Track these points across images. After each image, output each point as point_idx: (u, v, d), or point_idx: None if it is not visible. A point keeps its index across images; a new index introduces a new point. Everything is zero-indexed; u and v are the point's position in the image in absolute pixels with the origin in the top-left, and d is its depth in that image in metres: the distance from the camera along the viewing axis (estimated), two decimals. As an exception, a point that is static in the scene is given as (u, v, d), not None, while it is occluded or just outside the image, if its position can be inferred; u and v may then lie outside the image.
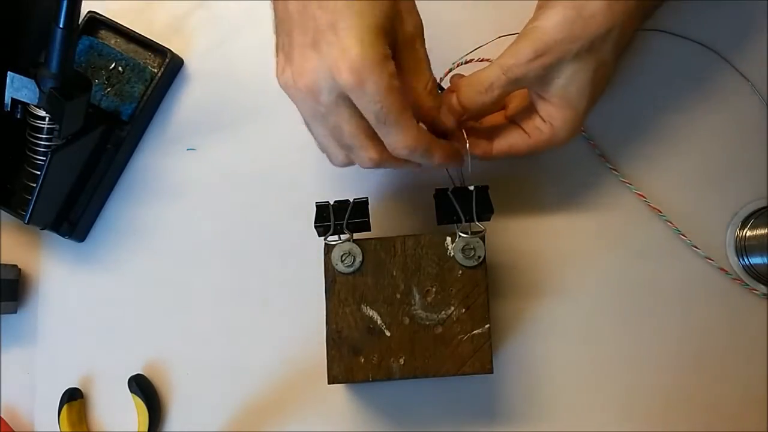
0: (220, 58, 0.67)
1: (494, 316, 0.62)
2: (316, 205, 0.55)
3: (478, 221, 0.54)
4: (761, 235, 0.63)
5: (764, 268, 0.63)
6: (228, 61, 0.67)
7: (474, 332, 0.53)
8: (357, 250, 0.54)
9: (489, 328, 0.53)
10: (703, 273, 0.64)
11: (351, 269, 0.54)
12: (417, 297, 0.54)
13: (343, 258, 0.54)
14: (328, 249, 0.54)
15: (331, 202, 0.55)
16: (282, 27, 0.44)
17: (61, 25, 0.53)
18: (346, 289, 0.54)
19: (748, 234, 0.64)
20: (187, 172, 0.66)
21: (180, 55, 0.66)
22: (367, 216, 0.54)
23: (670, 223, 0.63)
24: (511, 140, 0.55)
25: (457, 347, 0.53)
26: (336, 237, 0.54)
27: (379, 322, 0.53)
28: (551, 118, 0.53)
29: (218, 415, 0.64)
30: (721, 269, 0.63)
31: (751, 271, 0.64)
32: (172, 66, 0.65)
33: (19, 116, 0.59)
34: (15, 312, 0.65)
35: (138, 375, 0.64)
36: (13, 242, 0.66)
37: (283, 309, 0.64)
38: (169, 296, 0.65)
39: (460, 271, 0.54)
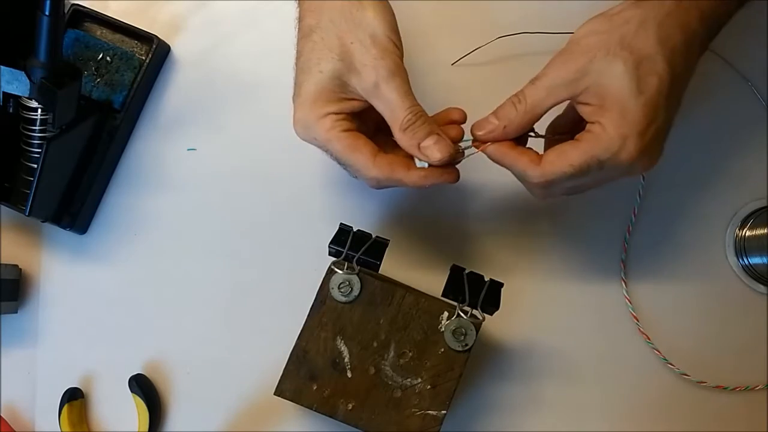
0: (206, 42, 0.64)
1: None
2: (340, 226, 0.51)
3: (480, 310, 0.51)
4: (761, 235, 0.60)
5: (764, 268, 0.61)
6: (214, 44, 0.64)
7: (429, 412, 0.49)
8: (357, 283, 0.50)
9: (444, 415, 0.49)
10: (705, 270, 0.62)
11: (344, 299, 0.50)
12: (391, 354, 0.50)
13: (341, 286, 0.50)
14: (330, 272, 0.51)
15: (354, 229, 0.51)
16: None
17: (47, 13, 0.49)
18: (331, 315, 0.50)
19: (747, 234, 0.61)
20: (184, 162, 0.63)
21: (166, 41, 0.63)
22: (381, 259, 0.50)
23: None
24: (559, 150, 0.47)
25: (407, 418, 0.50)
26: (343, 263, 0.51)
27: (346, 360, 0.50)
28: (599, 117, 0.46)
29: (218, 415, 0.61)
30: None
31: (751, 271, 0.61)
32: (159, 52, 0.62)
33: (11, 110, 0.56)
34: (16, 312, 0.62)
35: (138, 375, 0.61)
36: (13, 242, 0.63)
37: (284, 308, 0.60)
38: (169, 296, 0.62)
39: (443, 349, 0.50)
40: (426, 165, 0.49)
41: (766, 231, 0.61)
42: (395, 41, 0.48)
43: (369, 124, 0.51)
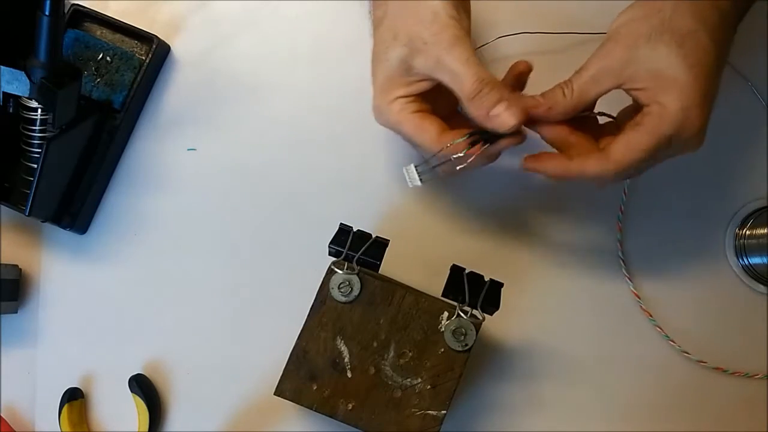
0: (206, 42, 0.64)
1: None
2: (340, 226, 0.51)
3: (480, 310, 0.50)
4: (760, 235, 0.60)
5: (763, 268, 0.60)
6: (214, 45, 0.64)
7: (429, 412, 0.49)
8: (357, 283, 0.50)
9: (444, 415, 0.49)
10: (705, 270, 0.62)
11: (344, 299, 0.50)
12: (391, 354, 0.50)
13: (341, 286, 0.50)
14: (330, 272, 0.51)
15: (354, 229, 0.51)
16: None
17: (47, 13, 0.49)
18: (331, 315, 0.50)
19: (747, 234, 0.61)
20: (184, 162, 0.63)
21: (166, 41, 0.63)
22: (381, 259, 0.50)
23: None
24: (625, 140, 0.47)
25: (407, 418, 0.49)
26: (343, 263, 0.51)
27: (346, 359, 0.50)
28: (655, 98, 0.46)
29: (218, 415, 0.61)
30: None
31: (751, 271, 0.61)
32: (159, 52, 0.62)
33: (11, 110, 0.56)
34: (16, 312, 0.62)
35: (138, 375, 0.61)
36: (13, 242, 0.63)
37: (284, 308, 0.60)
38: (169, 296, 0.62)
39: (443, 349, 0.50)
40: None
41: (766, 231, 0.61)
42: (456, 15, 0.49)
43: (446, 104, 0.52)
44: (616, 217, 0.62)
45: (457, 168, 0.50)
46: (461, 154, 0.49)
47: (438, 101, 0.51)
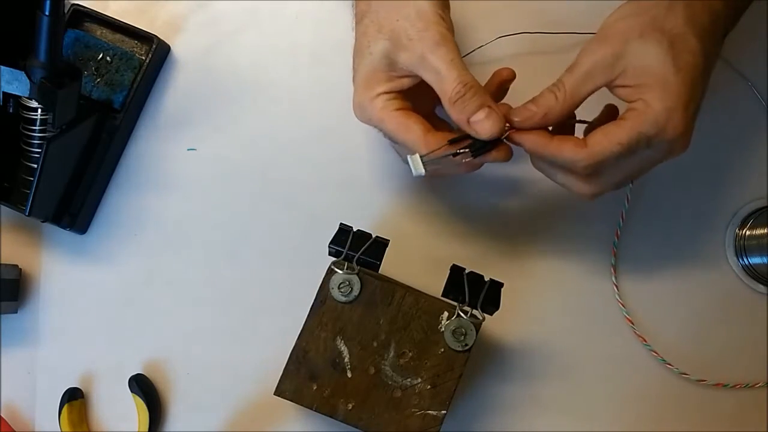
0: (206, 42, 0.64)
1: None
2: (340, 226, 0.51)
3: (480, 310, 0.50)
4: (760, 235, 0.60)
5: (763, 268, 0.60)
6: (214, 44, 0.64)
7: (429, 412, 0.49)
8: (357, 283, 0.50)
9: (444, 415, 0.49)
10: (705, 270, 0.62)
11: (344, 299, 0.50)
12: (391, 354, 0.50)
13: (341, 286, 0.50)
14: (330, 272, 0.51)
15: (354, 229, 0.51)
16: None
17: (46, 13, 0.49)
18: (331, 315, 0.50)
19: (747, 234, 0.61)
20: (184, 162, 0.63)
21: (166, 41, 0.63)
22: (381, 259, 0.50)
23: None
24: (605, 130, 0.47)
25: (407, 418, 0.49)
26: (343, 263, 0.51)
27: (346, 359, 0.50)
28: (641, 95, 0.46)
29: (218, 415, 0.61)
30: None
31: (751, 271, 0.61)
32: (159, 52, 0.62)
33: (11, 110, 0.56)
34: (16, 312, 0.62)
35: (138, 375, 0.61)
36: (13, 242, 0.63)
37: (284, 308, 0.61)
38: (170, 296, 0.62)
39: (443, 349, 0.50)
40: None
41: (766, 231, 0.61)
42: (441, 14, 0.48)
43: (426, 103, 0.52)
44: (618, 218, 0.62)
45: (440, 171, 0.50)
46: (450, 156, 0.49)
47: (417, 99, 0.51)
